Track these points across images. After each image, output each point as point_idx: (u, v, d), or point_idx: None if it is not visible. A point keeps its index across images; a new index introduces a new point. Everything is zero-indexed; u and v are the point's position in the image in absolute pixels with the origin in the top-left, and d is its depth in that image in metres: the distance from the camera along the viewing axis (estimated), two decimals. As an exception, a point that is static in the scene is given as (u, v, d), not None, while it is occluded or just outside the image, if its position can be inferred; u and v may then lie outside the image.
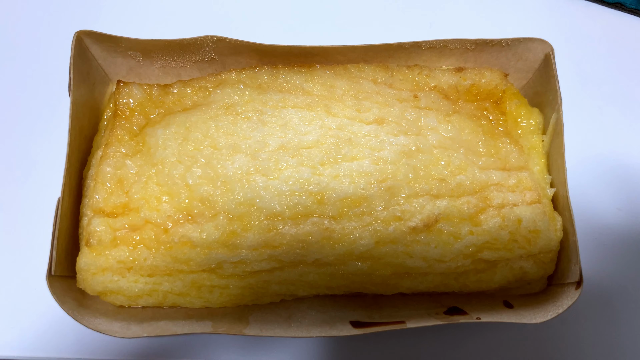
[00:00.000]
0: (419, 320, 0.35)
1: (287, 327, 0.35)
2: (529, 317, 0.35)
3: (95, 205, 0.36)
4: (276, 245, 0.35)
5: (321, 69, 0.41)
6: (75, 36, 0.39)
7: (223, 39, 0.40)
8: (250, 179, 0.36)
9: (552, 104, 0.40)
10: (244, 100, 0.39)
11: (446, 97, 0.41)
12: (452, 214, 0.36)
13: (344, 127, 0.38)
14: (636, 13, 0.52)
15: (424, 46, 0.42)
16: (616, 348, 0.41)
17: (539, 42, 0.41)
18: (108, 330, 0.34)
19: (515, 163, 0.39)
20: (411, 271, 0.37)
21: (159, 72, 0.44)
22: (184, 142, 0.38)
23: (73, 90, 0.38)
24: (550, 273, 0.38)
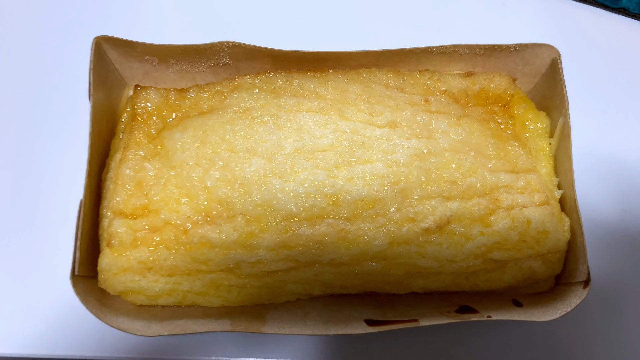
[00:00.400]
0: (431, 319, 0.36)
1: (303, 325, 0.36)
2: (538, 315, 0.36)
3: (115, 207, 0.37)
4: (292, 246, 0.36)
5: (334, 74, 0.42)
6: (94, 41, 0.40)
7: (239, 44, 0.41)
8: (267, 181, 0.37)
9: (559, 107, 0.41)
10: (260, 104, 0.40)
11: (456, 101, 0.42)
12: (464, 215, 0.37)
13: (357, 131, 0.39)
14: (639, 18, 0.53)
15: (434, 51, 0.43)
16: (622, 346, 0.42)
17: (546, 47, 0.42)
18: (130, 328, 0.35)
19: (524, 165, 0.40)
20: (424, 271, 0.38)
21: (175, 76, 0.45)
22: (201, 145, 0.39)
23: (93, 94, 0.39)
24: (558, 272, 0.39)
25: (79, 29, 0.51)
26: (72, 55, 0.49)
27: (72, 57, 0.49)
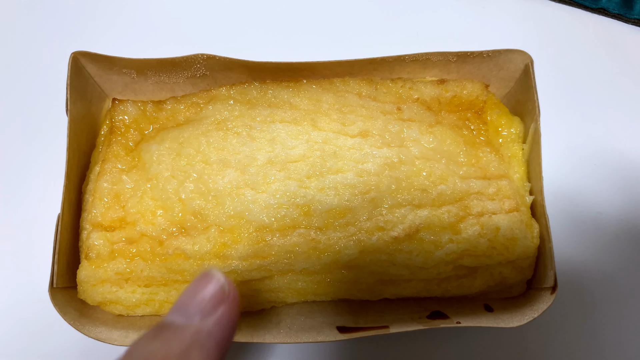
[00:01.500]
0: (402, 325, 0.37)
1: (276, 333, 0.37)
2: (507, 321, 0.36)
3: (93, 219, 0.38)
4: (265, 256, 0.37)
5: (308, 84, 0.42)
6: (71, 57, 0.41)
7: (213, 56, 0.42)
8: (240, 192, 0.38)
9: (532, 113, 0.41)
10: (234, 115, 0.41)
11: (429, 109, 0.42)
12: (433, 223, 0.38)
13: (329, 141, 0.40)
14: (619, 18, 0.53)
15: (407, 59, 0.43)
16: (595, 350, 0.43)
17: (518, 52, 0.42)
18: (107, 338, 0.36)
19: (496, 172, 0.40)
20: (395, 278, 0.39)
21: (154, 87, 0.45)
22: (177, 157, 0.39)
23: (70, 108, 0.40)
24: (528, 278, 0.40)
25: (57, 43, 0.52)
26: (53, 69, 0.50)
27: (53, 72, 0.50)
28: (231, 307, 0.23)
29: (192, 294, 0.23)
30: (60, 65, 0.45)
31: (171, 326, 0.22)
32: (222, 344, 0.22)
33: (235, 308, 0.23)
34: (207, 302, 0.23)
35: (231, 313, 0.23)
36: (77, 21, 0.54)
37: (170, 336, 0.21)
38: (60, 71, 0.44)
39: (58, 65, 0.49)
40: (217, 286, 0.23)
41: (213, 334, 0.22)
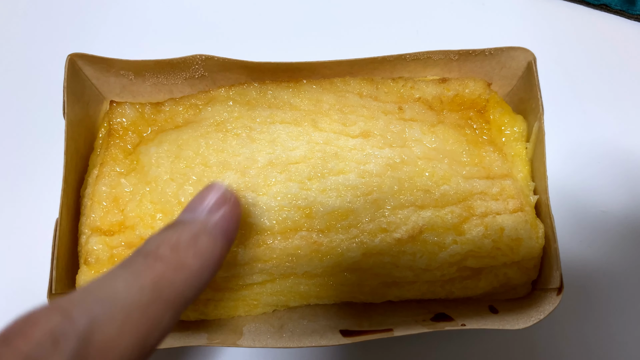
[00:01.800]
0: (406, 328, 0.36)
1: (279, 338, 0.37)
2: (512, 322, 0.36)
3: (92, 224, 0.38)
4: (266, 260, 0.36)
5: (308, 84, 0.42)
6: (68, 59, 0.40)
7: (211, 57, 0.41)
8: (240, 195, 0.37)
9: (535, 111, 0.41)
10: (234, 116, 0.40)
11: (430, 108, 0.42)
12: (437, 224, 0.37)
13: (330, 142, 0.39)
14: (622, 14, 0.53)
15: (408, 58, 0.43)
16: (601, 349, 0.42)
17: (521, 50, 0.42)
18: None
19: (499, 171, 0.40)
20: (398, 280, 0.38)
21: (152, 89, 0.45)
22: (176, 160, 0.39)
23: (67, 111, 0.39)
24: (533, 278, 0.39)
25: (54, 45, 0.52)
26: (50, 72, 0.50)
27: (50, 74, 0.50)
28: (233, 206, 0.27)
29: (198, 199, 0.27)
30: (57, 68, 0.44)
31: (181, 221, 0.25)
32: (227, 234, 0.26)
33: (237, 208, 0.27)
34: (212, 203, 0.26)
35: (234, 211, 0.27)
36: (74, 23, 0.53)
37: (181, 227, 0.24)
38: (57, 73, 0.43)
39: (54, 67, 0.49)
40: (219, 191, 0.27)
41: (219, 225, 0.26)
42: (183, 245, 0.23)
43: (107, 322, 0.19)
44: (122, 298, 0.20)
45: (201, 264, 0.23)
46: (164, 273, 0.21)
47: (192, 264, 0.23)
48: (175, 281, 0.22)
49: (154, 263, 0.22)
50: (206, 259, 0.23)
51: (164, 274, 0.21)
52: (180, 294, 0.22)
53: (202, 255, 0.23)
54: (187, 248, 0.23)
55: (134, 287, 0.20)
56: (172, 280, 0.22)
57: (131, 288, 0.20)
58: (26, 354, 0.17)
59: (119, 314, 0.19)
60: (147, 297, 0.20)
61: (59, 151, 0.39)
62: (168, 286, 0.21)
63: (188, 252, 0.23)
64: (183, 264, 0.22)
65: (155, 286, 0.21)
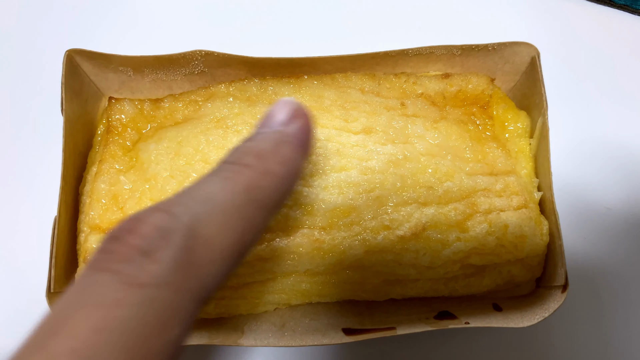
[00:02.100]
0: (409, 326, 0.36)
1: (281, 336, 0.36)
2: (517, 320, 0.35)
3: (91, 222, 0.37)
4: (268, 257, 0.36)
5: (309, 80, 0.41)
6: (65, 54, 0.40)
7: (211, 52, 0.41)
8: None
9: (539, 107, 0.40)
10: (234, 113, 0.40)
11: (433, 104, 0.41)
12: (440, 221, 0.37)
13: (332, 138, 0.39)
14: (626, 9, 0.52)
15: (411, 53, 0.42)
16: (605, 346, 0.42)
17: (525, 45, 0.41)
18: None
19: (503, 167, 0.39)
20: (401, 278, 0.38)
21: (151, 85, 0.44)
22: (175, 156, 0.38)
23: (66, 108, 0.39)
24: (538, 276, 0.39)
25: (51, 41, 0.51)
26: (47, 68, 0.49)
27: (47, 70, 0.49)
28: (307, 119, 0.27)
29: (271, 114, 0.27)
30: (55, 64, 0.44)
31: (259, 132, 0.26)
32: (306, 145, 0.26)
33: (310, 121, 0.27)
34: (286, 116, 0.26)
35: (308, 124, 0.27)
36: (72, 18, 0.52)
37: (260, 137, 0.25)
38: (55, 70, 0.43)
39: (52, 63, 0.48)
40: (291, 105, 0.27)
41: (297, 135, 0.26)
42: (267, 153, 0.23)
43: (208, 220, 0.20)
44: (219, 199, 0.21)
45: (286, 171, 0.24)
46: (253, 178, 0.22)
47: (277, 170, 0.23)
48: (264, 186, 0.22)
49: (243, 170, 0.22)
50: (290, 166, 0.24)
51: (253, 180, 0.22)
52: (270, 197, 0.23)
53: (285, 163, 0.24)
54: (272, 156, 0.23)
55: (228, 190, 0.21)
56: (261, 185, 0.22)
57: (226, 191, 0.21)
58: (139, 247, 0.18)
59: (219, 213, 0.20)
60: (241, 199, 0.21)
61: (57, 148, 0.39)
62: (259, 190, 0.22)
63: (273, 159, 0.23)
64: (269, 170, 0.23)
65: (248, 189, 0.22)
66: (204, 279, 0.19)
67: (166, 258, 0.18)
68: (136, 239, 0.18)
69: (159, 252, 0.18)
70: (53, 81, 0.45)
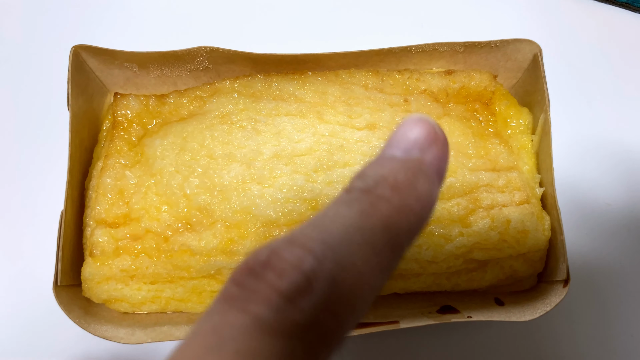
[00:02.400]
0: (412, 320, 0.36)
1: (285, 330, 0.37)
2: (518, 315, 0.36)
3: (97, 216, 0.38)
4: (272, 252, 0.36)
5: (313, 76, 0.42)
6: (72, 51, 0.40)
7: (216, 49, 0.41)
8: (246, 187, 0.37)
9: (541, 103, 0.41)
10: (239, 109, 0.40)
11: (436, 100, 0.41)
12: (443, 216, 0.37)
13: (336, 134, 0.39)
14: (627, 7, 0.52)
15: (414, 50, 0.42)
16: (607, 342, 0.42)
17: (527, 42, 0.41)
18: (114, 337, 0.36)
19: (505, 163, 0.40)
20: (404, 272, 0.38)
21: (156, 81, 0.45)
22: (181, 152, 0.39)
23: (72, 104, 0.39)
24: (539, 271, 0.39)
25: (58, 37, 0.51)
26: (54, 64, 0.50)
27: (54, 66, 0.49)
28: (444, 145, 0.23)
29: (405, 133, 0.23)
30: (61, 60, 0.44)
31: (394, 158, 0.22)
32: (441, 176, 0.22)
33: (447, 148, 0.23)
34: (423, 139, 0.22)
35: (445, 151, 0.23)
36: (78, 14, 0.53)
37: (396, 165, 0.21)
38: (61, 65, 0.43)
39: (58, 59, 0.49)
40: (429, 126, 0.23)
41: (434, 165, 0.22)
42: (404, 186, 0.20)
43: (349, 267, 0.18)
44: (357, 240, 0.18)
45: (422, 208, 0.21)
46: (390, 215, 0.19)
47: (415, 207, 0.20)
48: (401, 224, 0.20)
49: (380, 203, 0.19)
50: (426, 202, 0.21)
51: (391, 216, 0.19)
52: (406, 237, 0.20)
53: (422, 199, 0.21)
54: (409, 190, 0.20)
55: (367, 228, 0.19)
56: (398, 223, 0.19)
57: (364, 230, 0.19)
58: (281, 290, 0.16)
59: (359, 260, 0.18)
60: (380, 241, 0.19)
61: (63, 144, 0.39)
62: (396, 229, 0.19)
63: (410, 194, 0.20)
64: (407, 206, 0.20)
65: (386, 229, 0.19)
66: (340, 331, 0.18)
67: (309, 308, 0.16)
68: (278, 279, 0.17)
69: (304, 299, 0.16)
70: (59, 77, 0.45)
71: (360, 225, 0.19)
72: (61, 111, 0.42)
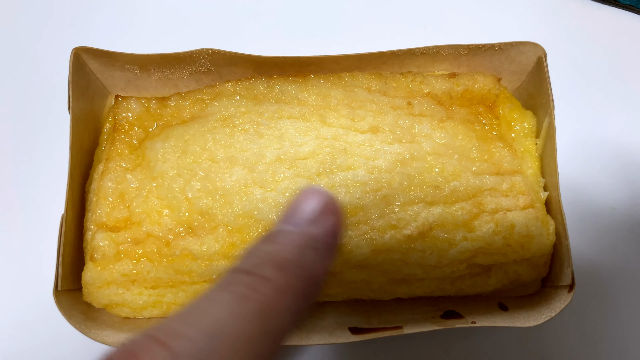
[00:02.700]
0: (415, 325, 0.36)
1: (287, 335, 0.36)
2: (523, 320, 0.35)
3: (98, 220, 0.37)
4: (275, 256, 0.36)
5: (316, 79, 0.41)
6: (72, 53, 0.40)
7: (218, 51, 0.41)
8: (248, 191, 0.37)
9: (545, 107, 0.40)
10: (241, 111, 0.40)
11: (440, 103, 0.41)
12: (447, 220, 0.37)
13: (339, 137, 0.39)
14: (631, 9, 0.52)
15: (417, 52, 0.42)
16: (612, 347, 0.42)
17: (531, 45, 0.41)
18: (115, 342, 0.35)
19: (509, 167, 0.39)
20: (408, 277, 0.38)
21: (157, 83, 0.44)
22: (182, 155, 0.38)
23: (73, 106, 0.39)
24: (544, 275, 0.39)
25: (58, 39, 0.51)
26: (54, 66, 0.49)
27: (54, 68, 0.49)
28: (338, 219, 0.23)
29: (298, 206, 0.23)
30: (62, 62, 0.44)
31: (282, 232, 0.22)
32: (334, 250, 0.22)
33: (341, 219, 0.23)
34: (315, 212, 0.22)
35: (338, 225, 0.23)
36: (78, 16, 0.52)
37: (283, 239, 0.21)
38: (62, 68, 0.43)
39: (59, 61, 0.48)
40: (322, 198, 0.23)
41: (324, 240, 0.22)
42: (290, 265, 0.20)
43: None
44: (227, 331, 0.17)
45: (309, 286, 0.20)
46: (271, 299, 0.19)
47: (300, 287, 0.19)
48: (282, 308, 0.19)
49: (260, 286, 0.19)
50: (314, 281, 0.20)
51: (271, 300, 0.19)
52: (286, 323, 0.19)
53: (310, 277, 0.20)
54: (295, 268, 0.20)
55: (240, 316, 0.18)
56: (279, 307, 0.19)
57: (236, 318, 0.18)
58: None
59: (226, 352, 0.17)
60: (254, 329, 0.18)
61: (64, 146, 0.39)
62: (276, 315, 0.18)
63: (296, 273, 0.20)
64: (291, 288, 0.19)
65: (263, 315, 0.18)
66: None
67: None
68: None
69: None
70: (60, 79, 0.45)
71: (233, 312, 0.18)
72: (62, 114, 0.42)
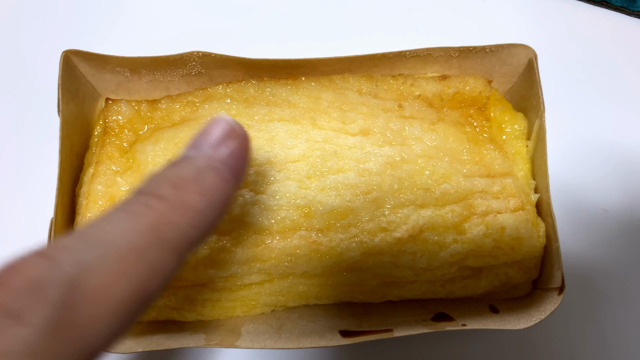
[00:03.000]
0: (406, 328, 0.36)
1: (277, 339, 0.36)
2: (513, 322, 0.36)
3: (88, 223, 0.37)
4: (265, 259, 0.36)
5: (307, 81, 0.41)
6: (62, 55, 0.39)
7: (208, 54, 0.41)
8: (238, 194, 0.37)
9: (536, 109, 0.40)
10: (232, 114, 0.40)
11: (431, 106, 0.41)
12: (437, 223, 0.37)
13: (329, 140, 0.39)
14: (622, 11, 0.52)
15: (408, 55, 0.42)
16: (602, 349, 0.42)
17: (522, 47, 0.41)
18: (104, 346, 0.35)
19: (500, 169, 0.39)
20: (398, 280, 0.38)
21: (148, 86, 0.44)
22: (173, 158, 0.38)
23: (62, 109, 0.39)
24: (534, 278, 0.39)
25: (48, 41, 0.51)
26: (44, 68, 0.49)
27: (44, 71, 0.49)
28: (242, 141, 0.24)
29: (203, 134, 0.24)
30: (51, 64, 0.44)
31: (185, 157, 0.23)
32: (236, 171, 0.23)
33: (246, 143, 0.24)
34: (219, 137, 0.23)
35: (242, 146, 0.24)
36: (69, 18, 0.52)
37: (184, 163, 0.22)
38: (51, 70, 0.42)
39: (49, 64, 0.48)
40: (226, 125, 0.24)
41: (227, 161, 0.23)
42: (187, 183, 0.21)
43: (97, 267, 0.17)
44: (116, 241, 0.18)
45: (207, 204, 0.21)
46: (165, 214, 0.19)
47: (197, 204, 0.20)
48: (178, 222, 0.20)
49: (155, 203, 0.19)
50: (213, 198, 0.21)
51: (165, 215, 0.19)
52: (184, 236, 0.20)
53: (208, 194, 0.21)
54: (192, 186, 0.21)
55: (131, 229, 0.18)
56: (174, 221, 0.19)
57: (127, 230, 0.18)
58: (4, 305, 0.15)
59: (111, 259, 0.17)
60: (145, 240, 0.18)
61: (53, 149, 0.38)
62: (170, 228, 0.19)
63: (193, 190, 0.21)
64: (187, 204, 0.20)
65: (155, 228, 0.19)
66: (89, 341, 0.16)
67: (38, 320, 0.15)
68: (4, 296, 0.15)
69: (30, 312, 0.15)
70: (49, 82, 0.45)
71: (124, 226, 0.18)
72: (52, 117, 0.42)
